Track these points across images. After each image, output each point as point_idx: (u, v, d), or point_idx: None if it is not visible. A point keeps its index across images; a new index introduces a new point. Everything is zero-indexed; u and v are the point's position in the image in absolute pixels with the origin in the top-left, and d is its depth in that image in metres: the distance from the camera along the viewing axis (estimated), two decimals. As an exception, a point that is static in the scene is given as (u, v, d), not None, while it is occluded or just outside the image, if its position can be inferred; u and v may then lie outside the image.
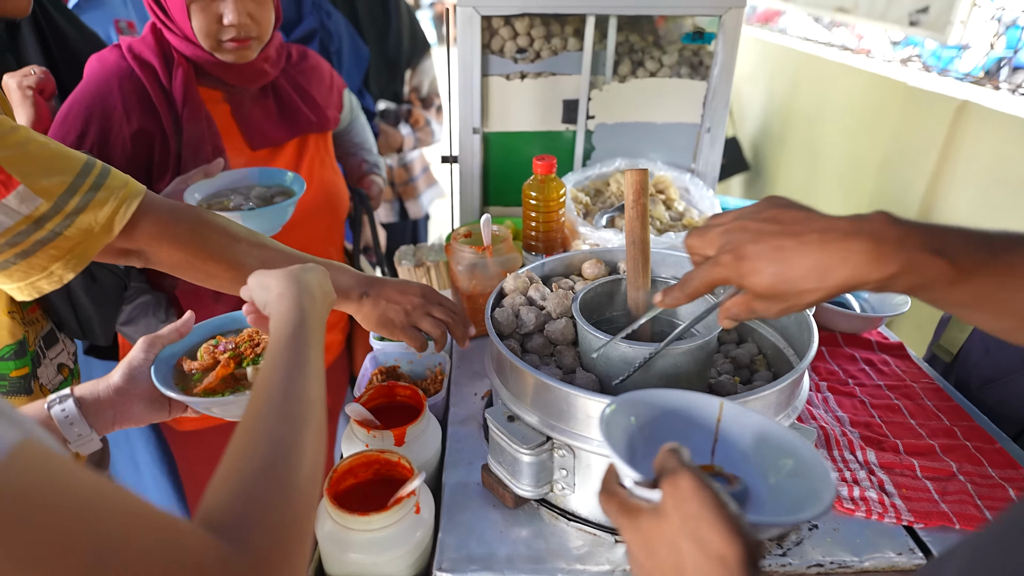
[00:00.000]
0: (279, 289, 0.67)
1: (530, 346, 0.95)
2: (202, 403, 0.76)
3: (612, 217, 1.33)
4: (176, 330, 0.82)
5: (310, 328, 0.63)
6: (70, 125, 1.13)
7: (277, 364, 0.57)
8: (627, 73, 1.48)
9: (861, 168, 2.56)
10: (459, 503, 0.87)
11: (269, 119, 1.28)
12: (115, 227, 0.77)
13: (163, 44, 1.17)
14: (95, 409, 0.74)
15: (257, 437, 0.50)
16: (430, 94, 2.31)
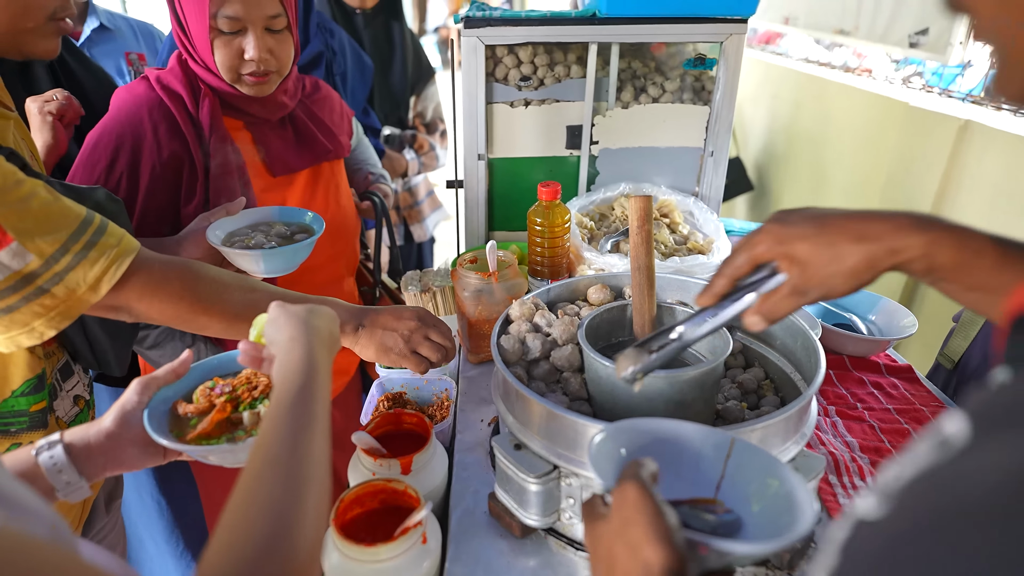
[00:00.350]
0: (291, 332, 0.66)
1: (536, 373, 0.95)
2: (196, 451, 0.72)
3: (617, 242, 1.33)
4: (172, 371, 0.79)
5: (319, 381, 0.62)
6: (100, 153, 1.16)
7: (284, 420, 0.55)
8: (630, 99, 1.49)
9: (866, 188, 2.56)
10: (466, 532, 0.87)
11: (288, 148, 1.32)
12: (102, 288, 0.77)
13: (189, 75, 1.21)
14: (85, 455, 0.70)
15: (259, 507, 0.48)
16: (434, 119, 2.35)
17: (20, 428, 0.89)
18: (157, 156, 1.17)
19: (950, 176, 2.14)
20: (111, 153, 1.16)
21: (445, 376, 1.18)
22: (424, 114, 2.32)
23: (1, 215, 0.69)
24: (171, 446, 0.71)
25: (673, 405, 0.84)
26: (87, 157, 1.17)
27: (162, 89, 1.19)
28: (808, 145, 3.09)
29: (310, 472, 0.52)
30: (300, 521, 0.48)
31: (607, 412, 0.88)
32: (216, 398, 0.78)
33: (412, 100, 2.28)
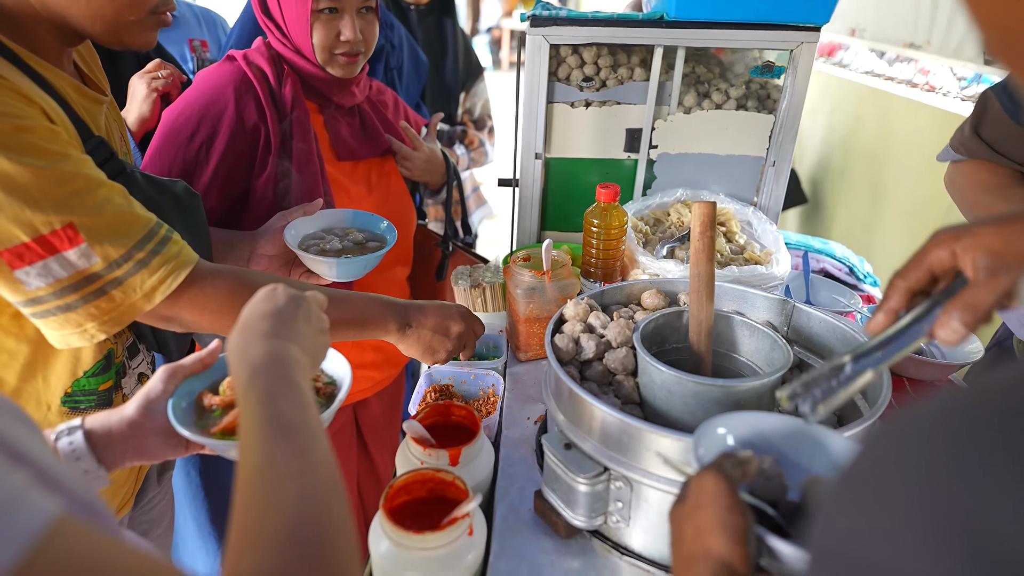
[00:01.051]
0: (228, 352, 0.61)
1: (589, 374, 0.95)
2: (219, 445, 0.69)
3: (672, 248, 1.32)
4: (200, 360, 0.77)
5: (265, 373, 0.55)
6: (182, 125, 1.21)
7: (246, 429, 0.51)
8: (692, 104, 1.47)
9: (929, 209, 2.47)
10: (510, 528, 0.87)
11: (354, 135, 1.36)
12: (156, 297, 0.78)
13: (274, 55, 1.27)
14: (106, 443, 0.69)
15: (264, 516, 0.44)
16: (482, 115, 2.36)
17: (89, 406, 0.92)
18: (237, 125, 1.22)
19: (1022, 200, 2.05)
20: (193, 125, 1.20)
21: (492, 371, 1.18)
22: (472, 110, 2.34)
23: (77, 216, 0.71)
24: (193, 439, 0.69)
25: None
26: (169, 129, 1.21)
27: (247, 65, 1.24)
28: (867, 161, 3.00)
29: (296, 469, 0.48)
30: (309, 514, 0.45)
31: (659, 417, 0.87)
32: None
33: (461, 97, 2.30)
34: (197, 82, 1.25)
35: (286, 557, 0.41)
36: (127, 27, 0.83)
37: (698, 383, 0.81)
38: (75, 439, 0.66)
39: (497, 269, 1.48)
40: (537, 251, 1.22)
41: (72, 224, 0.71)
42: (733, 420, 0.63)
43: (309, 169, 1.27)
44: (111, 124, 0.95)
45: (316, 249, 1.17)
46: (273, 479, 0.46)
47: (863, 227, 2.99)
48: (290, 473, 0.47)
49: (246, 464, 0.48)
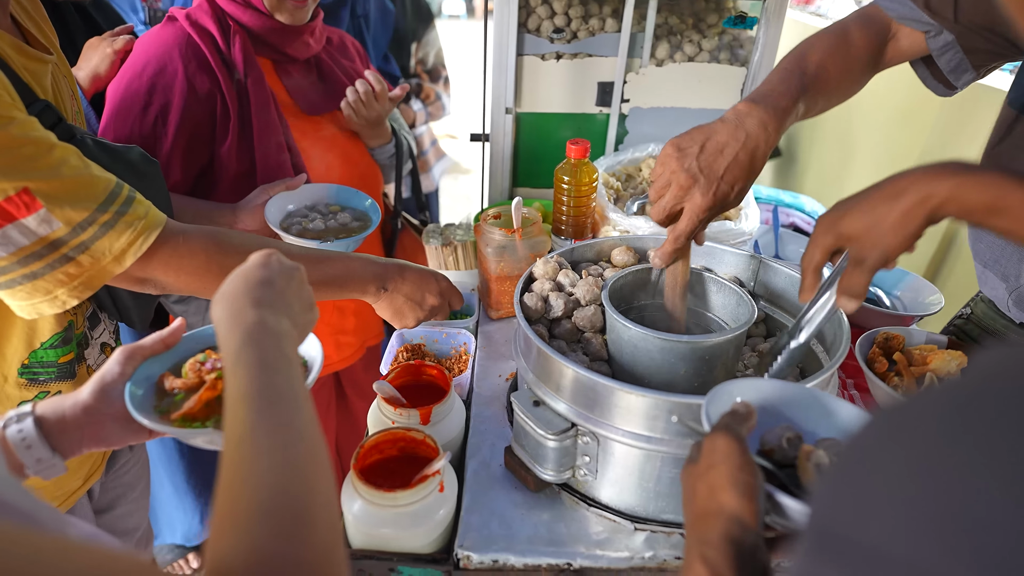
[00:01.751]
0: (214, 312, 0.59)
1: (557, 332, 0.95)
2: (180, 433, 0.65)
3: (643, 204, 1.31)
4: (161, 340, 0.72)
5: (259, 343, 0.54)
6: (132, 98, 1.15)
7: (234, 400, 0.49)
8: (665, 56, 1.45)
9: (899, 161, 2.49)
10: (481, 483, 0.88)
11: (314, 88, 1.32)
12: (127, 260, 0.76)
13: (218, 11, 1.20)
14: (59, 429, 0.64)
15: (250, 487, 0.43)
16: (436, 65, 2.29)
17: (48, 378, 0.90)
18: (190, 93, 1.17)
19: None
20: (144, 97, 1.15)
21: (464, 330, 1.19)
22: (426, 61, 2.27)
23: (31, 181, 0.68)
24: (152, 426, 0.65)
25: (693, 370, 0.84)
26: (119, 103, 1.16)
27: (191, 26, 1.18)
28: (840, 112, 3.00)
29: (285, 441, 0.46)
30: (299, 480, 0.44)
31: (627, 374, 0.89)
32: (207, 374, 0.70)
33: (413, 47, 2.23)
34: (140, 49, 1.18)
35: (261, 531, 0.39)
36: None
37: (663, 339, 0.82)
38: (24, 427, 0.63)
39: (468, 227, 1.47)
40: (508, 209, 1.21)
41: (27, 189, 0.68)
42: (742, 386, 0.65)
43: (272, 136, 1.22)
44: (60, 83, 0.90)
45: (299, 228, 1.15)
46: (252, 453, 0.44)
47: (834, 179, 3.01)
48: (270, 446, 0.45)
49: (230, 437, 0.46)
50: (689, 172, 0.82)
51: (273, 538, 0.39)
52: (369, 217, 1.23)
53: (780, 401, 0.64)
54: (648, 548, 0.79)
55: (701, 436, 0.58)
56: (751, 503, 0.48)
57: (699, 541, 0.48)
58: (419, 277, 0.96)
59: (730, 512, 0.47)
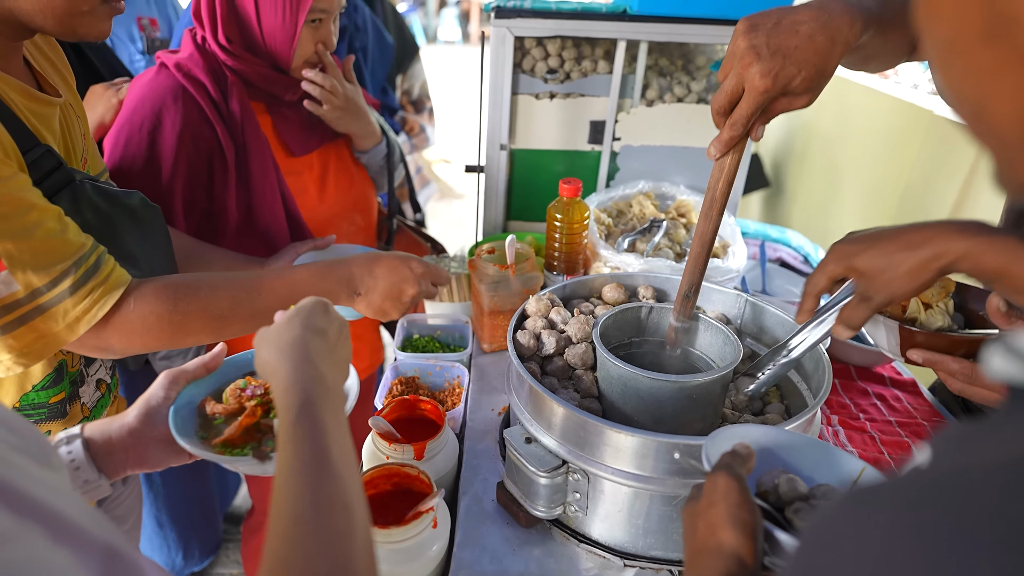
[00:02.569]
0: (271, 364, 0.59)
1: (549, 369, 0.98)
2: (220, 459, 0.66)
3: (633, 241, 1.35)
4: (203, 365, 0.74)
5: (317, 405, 0.54)
6: (135, 150, 1.16)
7: (292, 470, 0.49)
8: (655, 97, 1.50)
9: (883, 194, 2.56)
10: (474, 519, 0.90)
11: (303, 127, 1.33)
12: (80, 328, 0.75)
13: (209, 60, 1.21)
14: (106, 451, 0.66)
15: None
16: (421, 97, 2.33)
17: (39, 419, 0.90)
18: (192, 147, 1.18)
19: (969, 188, 2.14)
20: (146, 150, 1.16)
21: (458, 363, 1.21)
22: (411, 92, 2.31)
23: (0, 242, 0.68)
24: (194, 451, 0.66)
25: (681, 408, 0.87)
26: (120, 161, 1.16)
27: (184, 77, 1.19)
28: (826, 146, 3.07)
29: (338, 520, 0.47)
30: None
31: (617, 410, 0.91)
32: (247, 400, 0.72)
33: (399, 79, 2.27)
34: (135, 102, 1.18)
35: None
36: (80, 17, 0.79)
37: (652, 379, 0.85)
38: (74, 448, 0.64)
39: (462, 260, 1.50)
40: (503, 244, 1.24)
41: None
42: (742, 431, 0.68)
43: (268, 187, 1.24)
44: (71, 124, 0.91)
45: None
46: (306, 533, 0.45)
47: (821, 210, 3.07)
48: (332, 536, 0.45)
49: (286, 507, 0.46)
50: (755, 48, 0.73)
51: None
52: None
53: (778, 446, 0.66)
54: (637, 585, 0.81)
55: (700, 473, 0.61)
56: (749, 541, 0.49)
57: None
58: (391, 271, 0.94)
59: (729, 550, 0.49)
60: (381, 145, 1.44)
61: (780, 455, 0.66)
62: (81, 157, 0.92)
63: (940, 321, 0.84)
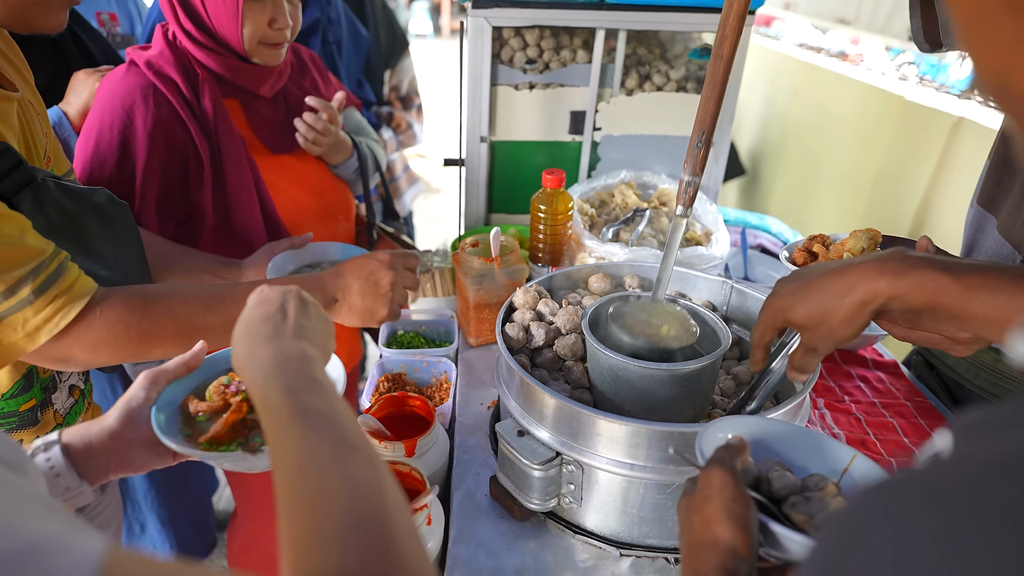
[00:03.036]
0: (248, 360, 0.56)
1: (539, 361, 0.97)
2: (208, 457, 0.65)
3: (617, 231, 1.35)
4: (184, 363, 0.71)
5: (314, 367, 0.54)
6: (105, 151, 1.12)
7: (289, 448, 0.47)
8: (634, 86, 1.49)
9: (857, 180, 2.59)
10: (467, 514, 0.89)
11: (281, 126, 1.30)
12: (40, 337, 0.72)
13: (181, 57, 1.18)
14: (86, 457, 0.63)
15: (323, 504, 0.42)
16: (409, 93, 2.30)
17: (9, 428, 0.87)
18: (165, 148, 1.15)
19: (940, 173, 2.17)
20: (116, 153, 1.13)
21: (444, 358, 1.20)
22: (399, 88, 2.28)
23: None
24: (181, 450, 0.65)
25: (673, 396, 0.87)
26: (91, 161, 1.13)
27: (155, 75, 1.15)
28: (801, 134, 3.11)
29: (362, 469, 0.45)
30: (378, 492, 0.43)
31: (608, 401, 0.91)
32: (231, 397, 0.70)
33: (387, 74, 2.25)
34: (105, 101, 1.14)
35: (347, 546, 0.39)
36: (33, 8, 0.76)
37: (642, 367, 0.85)
38: (52, 455, 0.61)
39: (445, 254, 1.49)
40: (485, 236, 1.23)
41: None
42: (734, 422, 0.68)
43: (244, 187, 1.21)
44: (31, 121, 0.87)
45: None
46: (317, 473, 0.44)
47: (797, 198, 3.11)
48: (332, 461, 0.45)
49: (285, 465, 0.46)
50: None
51: (364, 551, 0.39)
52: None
53: (770, 437, 0.67)
54: (634, 573, 0.81)
55: (694, 467, 0.60)
56: (744, 534, 0.50)
57: (695, 571, 0.50)
58: (359, 268, 0.92)
59: (724, 544, 0.49)
60: (352, 159, 1.43)
61: (772, 445, 0.66)
62: (44, 155, 0.89)
63: None
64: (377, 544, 0.40)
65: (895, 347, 1.40)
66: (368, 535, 0.40)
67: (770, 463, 0.62)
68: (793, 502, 0.57)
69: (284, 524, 0.43)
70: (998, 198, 1.05)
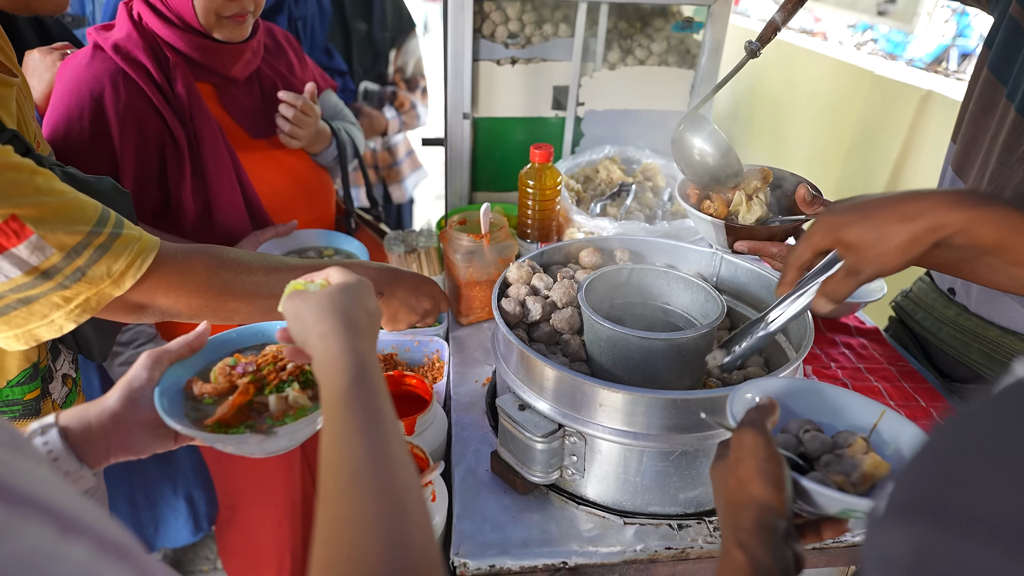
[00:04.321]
0: (320, 329, 0.57)
1: (536, 335, 0.97)
2: (216, 440, 0.63)
3: (605, 205, 1.35)
4: (187, 344, 0.70)
5: (371, 373, 0.54)
6: (76, 142, 1.07)
7: (348, 429, 0.49)
8: (616, 60, 1.49)
9: (828, 155, 2.64)
10: (470, 490, 0.89)
11: (258, 110, 1.27)
12: (126, 282, 0.72)
13: (148, 39, 1.12)
14: (85, 440, 0.61)
15: (360, 528, 0.43)
16: (415, 75, 2.26)
17: (12, 416, 0.85)
18: (139, 136, 1.10)
19: (910, 145, 2.22)
20: (88, 141, 1.07)
21: (436, 337, 1.19)
22: (404, 69, 2.24)
23: (18, 208, 0.64)
24: (187, 432, 0.63)
25: (671, 366, 0.88)
26: (62, 148, 1.08)
27: (124, 60, 1.10)
28: (772, 109, 3.14)
29: (398, 476, 0.47)
30: (408, 529, 0.44)
31: (606, 372, 0.91)
32: (238, 378, 0.68)
33: (392, 54, 2.20)
34: (71, 89, 1.08)
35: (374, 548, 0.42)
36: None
37: (642, 338, 0.85)
38: (50, 438, 0.59)
39: (431, 233, 1.47)
40: (471, 214, 1.22)
41: (15, 216, 0.64)
42: (763, 384, 0.68)
43: (224, 174, 1.18)
44: (24, 108, 0.84)
45: None
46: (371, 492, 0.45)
47: (770, 174, 3.16)
48: (393, 489, 0.46)
49: (342, 467, 0.47)
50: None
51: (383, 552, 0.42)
52: (358, 258, 1.22)
53: (799, 395, 0.67)
54: (639, 541, 0.82)
55: (726, 429, 0.61)
56: (779, 492, 0.51)
57: (733, 528, 0.51)
58: (414, 283, 0.95)
59: (760, 501, 0.51)
60: (331, 147, 1.40)
61: (801, 403, 0.67)
62: (35, 140, 0.86)
63: (759, 212, 0.96)
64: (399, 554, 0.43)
65: (876, 315, 1.43)
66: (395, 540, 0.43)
67: (800, 422, 0.62)
68: (826, 461, 0.57)
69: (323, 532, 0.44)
70: (967, 164, 1.08)
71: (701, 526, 0.84)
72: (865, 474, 0.57)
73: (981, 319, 1.09)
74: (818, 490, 0.52)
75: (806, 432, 0.61)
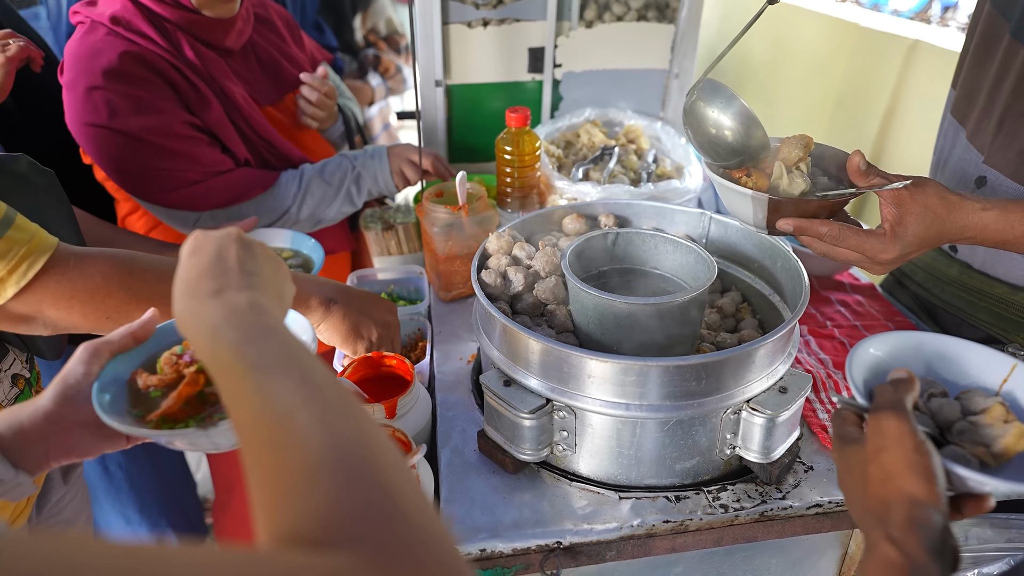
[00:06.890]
0: (190, 310, 0.48)
1: (520, 307, 0.92)
2: (161, 436, 0.57)
3: (587, 170, 1.29)
4: (131, 334, 0.63)
5: (243, 316, 0.46)
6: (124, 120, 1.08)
7: (246, 379, 0.41)
8: (593, 17, 1.42)
9: (816, 111, 2.58)
10: (457, 472, 0.85)
11: (259, 79, 1.27)
12: (7, 291, 0.66)
13: (146, 13, 1.11)
14: (19, 444, 0.56)
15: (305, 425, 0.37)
16: (391, 34, 2.15)
17: None
18: (184, 110, 1.11)
19: (899, 96, 2.17)
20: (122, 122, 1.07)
21: (417, 316, 1.14)
22: (377, 30, 2.14)
23: None
24: (126, 430, 0.56)
25: (661, 331, 0.83)
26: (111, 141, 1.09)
27: (130, 32, 1.08)
28: (760, 68, 3.08)
29: (343, 408, 0.40)
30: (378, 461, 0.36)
31: (595, 342, 0.87)
32: (185, 368, 0.62)
33: (358, 18, 2.11)
34: (80, 61, 1.07)
35: (325, 486, 0.34)
36: None
37: (630, 303, 0.80)
38: None
39: (408, 208, 1.41)
40: (448, 186, 1.16)
41: None
42: (882, 344, 0.63)
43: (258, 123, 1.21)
44: None
45: None
46: (277, 420, 0.38)
47: (757, 135, 3.10)
48: (295, 404, 0.38)
49: (244, 423, 0.40)
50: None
51: (341, 489, 0.34)
52: (311, 259, 1.16)
53: (917, 352, 0.62)
54: (635, 516, 0.78)
55: (859, 408, 0.56)
56: (933, 485, 0.47)
57: (881, 522, 0.47)
58: (374, 298, 0.91)
59: (913, 497, 0.47)
60: (339, 123, 1.42)
61: (913, 357, 0.62)
62: None
63: (803, 185, 0.84)
64: (359, 479, 0.34)
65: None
66: (347, 471, 0.34)
67: (924, 383, 0.57)
68: (960, 428, 0.53)
69: (252, 485, 0.37)
70: (969, 110, 1.04)
71: (699, 497, 0.81)
72: (1008, 446, 0.53)
73: (987, 276, 1.04)
74: (973, 476, 0.48)
75: (932, 398, 0.56)
